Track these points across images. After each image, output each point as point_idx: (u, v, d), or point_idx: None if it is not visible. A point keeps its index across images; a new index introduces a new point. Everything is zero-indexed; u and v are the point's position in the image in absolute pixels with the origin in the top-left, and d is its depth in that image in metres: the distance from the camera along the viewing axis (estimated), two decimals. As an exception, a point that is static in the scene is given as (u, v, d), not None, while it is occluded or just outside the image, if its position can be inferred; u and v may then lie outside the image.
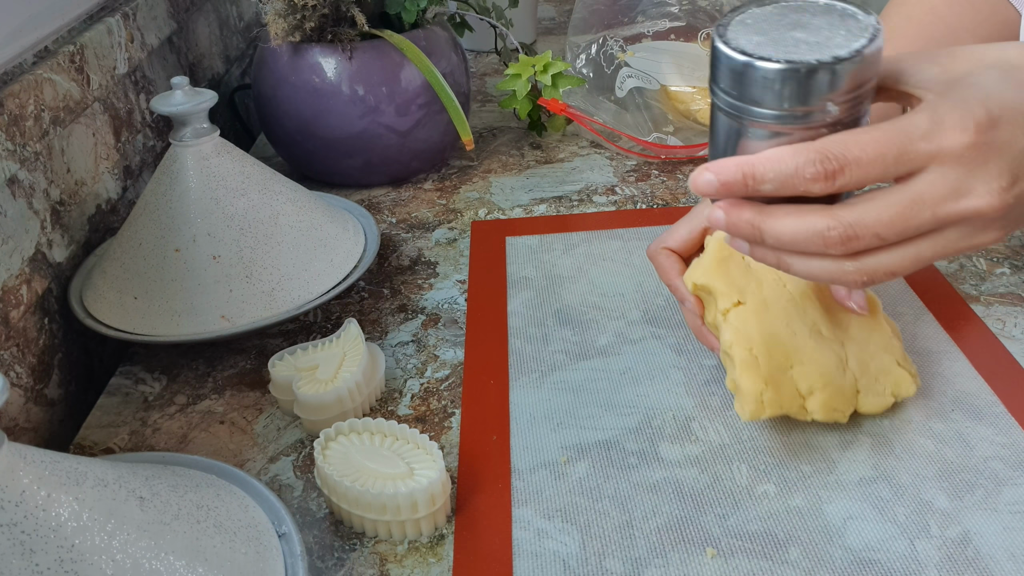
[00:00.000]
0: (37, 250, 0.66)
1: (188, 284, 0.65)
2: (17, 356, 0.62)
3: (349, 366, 0.61)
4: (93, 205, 0.75)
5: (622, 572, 0.49)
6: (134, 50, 0.80)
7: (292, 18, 0.81)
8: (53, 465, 0.41)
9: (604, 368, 0.64)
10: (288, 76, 0.85)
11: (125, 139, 0.82)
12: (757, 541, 0.50)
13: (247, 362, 0.68)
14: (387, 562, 0.51)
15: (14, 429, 0.61)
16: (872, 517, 0.51)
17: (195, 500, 0.46)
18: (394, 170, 0.90)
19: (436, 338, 0.68)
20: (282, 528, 0.48)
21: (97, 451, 0.60)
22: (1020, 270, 0.72)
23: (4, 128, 0.60)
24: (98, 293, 0.67)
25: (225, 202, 0.66)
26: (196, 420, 0.62)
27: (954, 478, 0.53)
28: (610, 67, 0.98)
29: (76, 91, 0.70)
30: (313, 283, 0.68)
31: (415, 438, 0.54)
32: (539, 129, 0.99)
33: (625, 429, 0.58)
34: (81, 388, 0.70)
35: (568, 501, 0.53)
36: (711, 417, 0.59)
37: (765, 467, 0.54)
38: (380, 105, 0.84)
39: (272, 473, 0.57)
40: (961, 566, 0.48)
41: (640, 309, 0.70)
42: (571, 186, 0.89)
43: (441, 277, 0.76)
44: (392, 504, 0.50)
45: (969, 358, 0.62)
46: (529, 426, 0.59)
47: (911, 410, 0.58)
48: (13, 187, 0.63)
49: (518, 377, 0.63)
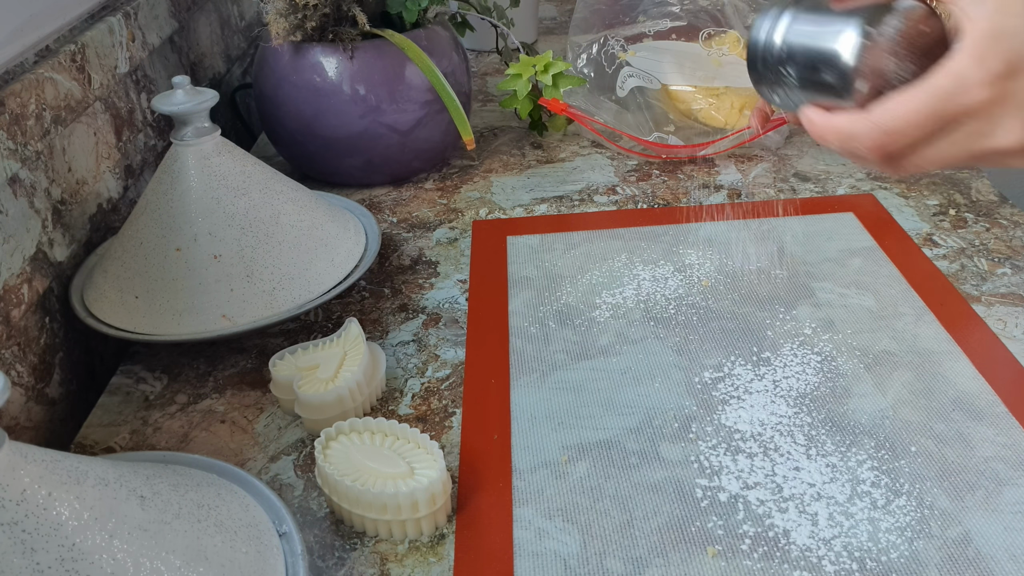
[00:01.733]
0: (38, 249, 0.66)
1: (189, 283, 0.65)
2: (18, 355, 0.62)
3: (350, 366, 0.61)
4: (94, 204, 0.75)
5: (623, 572, 0.49)
6: (135, 49, 0.80)
7: (293, 17, 0.81)
8: (54, 464, 0.41)
9: (605, 368, 0.64)
10: (289, 75, 0.85)
11: (126, 138, 0.82)
12: (758, 541, 0.50)
13: (248, 361, 0.68)
14: (388, 561, 0.51)
15: (15, 428, 0.61)
16: (872, 517, 0.51)
17: (196, 499, 0.46)
18: (395, 169, 0.90)
19: (437, 338, 0.68)
20: (283, 527, 0.48)
21: (98, 450, 0.60)
22: (1021, 270, 0.72)
23: (5, 127, 0.60)
24: (99, 292, 0.67)
25: (226, 201, 0.66)
26: (197, 419, 0.62)
27: (955, 478, 0.53)
28: (611, 67, 0.98)
29: (77, 90, 0.70)
30: (314, 282, 0.68)
31: (416, 437, 0.54)
32: (540, 129, 0.99)
33: (626, 429, 0.58)
34: (82, 387, 0.70)
35: (569, 501, 0.53)
36: (711, 417, 0.59)
37: (765, 467, 0.54)
38: (381, 105, 0.84)
39: (273, 472, 0.57)
40: (962, 566, 0.48)
41: (641, 309, 0.70)
42: (572, 186, 0.89)
43: (442, 277, 0.76)
44: (393, 503, 0.50)
45: (970, 358, 0.62)
46: (530, 426, 0.59)
47: (912, 410, 0.58)
48: (14, 186, 0.63)
49: (519, 377, 0.63)
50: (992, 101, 0.42)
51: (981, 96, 0.42)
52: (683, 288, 0.72)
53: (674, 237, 0.79)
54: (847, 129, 0.45)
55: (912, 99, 0.43)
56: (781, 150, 0.94)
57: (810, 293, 0.70)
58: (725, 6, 1.01)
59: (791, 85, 0.48)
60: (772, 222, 0.80)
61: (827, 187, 0.86)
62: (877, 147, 0.45)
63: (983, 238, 0.76)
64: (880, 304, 0.68)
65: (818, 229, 0.79)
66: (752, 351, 0.64)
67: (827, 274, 0.72)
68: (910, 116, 0.43)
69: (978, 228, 0.78)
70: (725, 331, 0.66)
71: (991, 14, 0.41)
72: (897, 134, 0.44)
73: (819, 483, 0.53)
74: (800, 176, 0.89)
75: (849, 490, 0.53)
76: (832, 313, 0.68)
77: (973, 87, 0.41)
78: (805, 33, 0.47)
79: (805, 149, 0.94)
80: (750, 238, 0.78)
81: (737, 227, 0.80)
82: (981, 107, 0.42)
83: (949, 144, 0.44)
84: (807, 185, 0.87)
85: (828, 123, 0.46)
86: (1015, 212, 0.80)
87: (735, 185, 0.88)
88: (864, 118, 0.44)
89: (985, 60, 0.41)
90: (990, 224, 0.79)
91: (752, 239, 0.78)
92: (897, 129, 0.44)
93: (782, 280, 0.72)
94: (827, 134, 0.46)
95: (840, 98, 0.45)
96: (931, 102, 0.42)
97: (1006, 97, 0.41)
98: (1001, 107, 0.42)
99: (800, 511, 0.51)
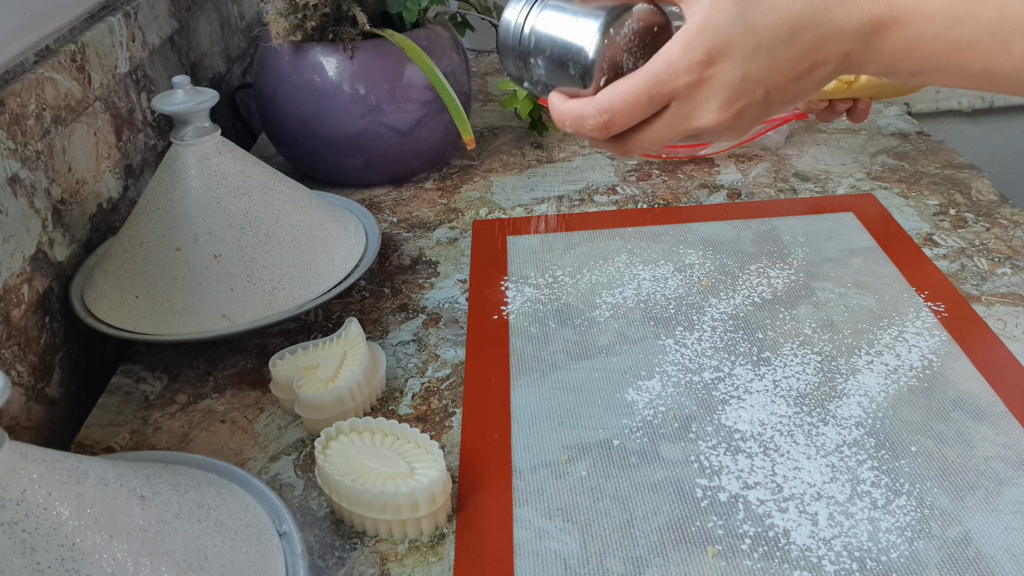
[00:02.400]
0: (38, 249, 0.66)
1: (189, 283, 0.65)
2: (18, 355, 0.62)
3: (350, 365, 0.61)
4: (94, 204, 0.75)
5: (623, 571, 0.49)
6: (135, 49, 0.80)
7: (293, 17, 0.81)
8: (54, 464, 0.41)
9: (605, 368, 0.64)
10: (289, 75, 0.85)
11: (126, 138, 0.82)
12: (758, 541, 0.50)
13: (248, 361, 0.68)
14: (388, 561, 0.51)
15: (15, 428, 0.61)
16: (872, 517, 0.51)
17: (196, 499, 0.46)
18: (395, 169, 0.90)
19: (437, 337, 0.68)
20: (283, 527, 0.48)
21: (98, 450, 0.60)
22: (1021, 270, 0.72)
23: (5, 127, 0.60)
24: (99, 292, 0.67)
25: (226, 201, 0.66)
26: (197, 419, 0.62)
27: (955, 478, 0.53)
28: (611, 67, 0.98)
29: (77, 90, 0.70)
30: (314, 282, 0.68)
31: (416, 437, 0.54)
32: (540, 129, 0.99)
33: (626, 429, 0.58)
34: (82, 387, 0.70)
35: (569, 500, 0.53)
36: (711, 417, 0.59)
37: (765, 467, 0.54)
38: (381, 104, 0.84)
39: (273, 472, 0.57)
40: (962, 566, 0.48)
41: (641, 309, 0.70)
42: (572, 185, 0.89)
43: (442, 276, 0.76)
44: (393, 503, 0.50)
45: (970, 358, 0.62)
46: (530, 425, 0.59)
47: (912, 410, 0.58)
48: (14, 186, 0.63)
49: (519, 376, 0.63)
50: (693, 85, 0.47)
51: (686, 80, 0.47)
52: (683, 288, 0.72)
53: (674, 237, 0.79)
54: (578, 111, 0.50)
55: (630, 83, 0.48)
56: (781, 150, 0.94)
57: (810, 293, 0.70)
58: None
59: (538, 72, 0.52)
60: (772, 222, 0.80)
61: (827, 187, 0.86)
62: (601, 126, 0.49)
63: (983, 238, 0.76)
64: (880, 304, 0.68)
65: (818, 229, 0.79)
66: (752, 351, 0.64)
67: (827, 274, 0.72)
68: (628, 97, 0.48)
69: (978, 228, 0.78)
70: (725, 331, 0.66)
71: (704, 8, 0.46)
72: (618, 114, 0.48)
73: (819, 483, 0.53)
74: (800, 176, 0.89)
75: (849, 490, 0.53)
76: (832, 313, 0.68)
77: (681, 73, 0.46)
78: (554, 26, 0.51)
79: (805, 149, 0.94)
80: (750, 238, 0.78)
81: (737, 227, 0.80)
82: (685, 90, 0.47)
83: (663, 125, 0.49)
84: (807, 185, 0.87)
85: (564, 107, 0.50)
86: (1015, 212, 0.80)
87: (735, 185, 0.88)
88: (592, 101, 0.49)
89: (690, 49, 0.46)
90: (990, 224, 0.79)
91: (752, 239, 0.78)
92: (617, 109, 0.48)
93: (782, 280, 0.72)
94: (564, 116, 0.50)
95: (579, 86, 0.50)
96: (645, 86, 0.47)
97: (704, 81, 0.46)
98: (700, 90, 0.47)
99: (800, 511, 0.51)
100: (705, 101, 0.47)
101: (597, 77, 0.49)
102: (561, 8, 0.51)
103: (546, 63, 0.51)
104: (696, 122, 0.48)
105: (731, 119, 0.48)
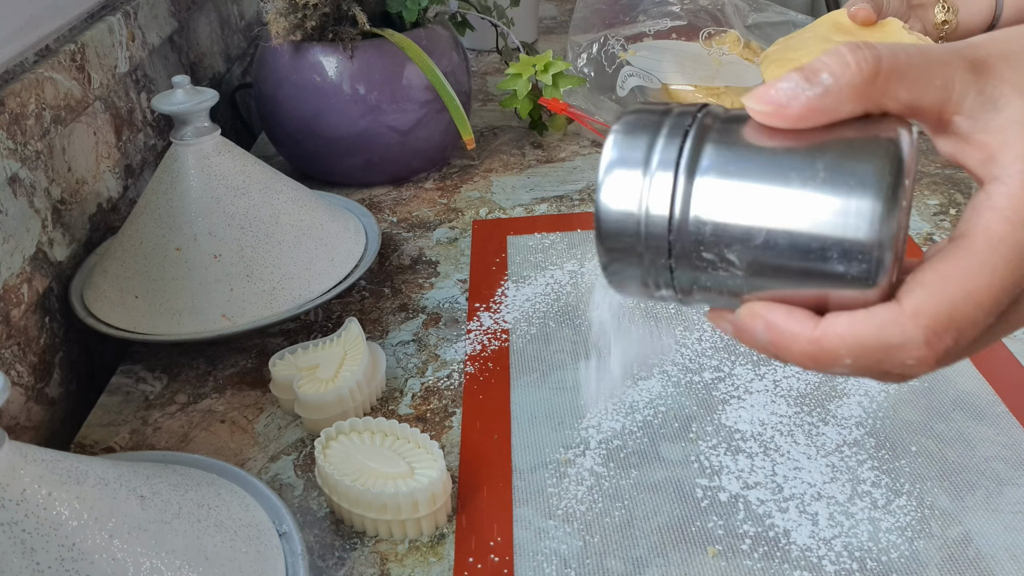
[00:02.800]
0: (38, 249, 0.66)
1: (189, 283, 0.64)
2: (18, 355, 0.62)
3: (350, 365, 0.61)
4: (94, 204, 0.75)
5: (623, 572, 0.49)
6: (135, 49, 0.80)
7: (293, 17, 0.81)
8: (54, 464, 0.41)
9: (605, 367, 0.64)
10: (289, 75, 0.85)
11: (126, 138, 0.82)
12: (758, 541, 0.50)
13: (248, 361, 0.68)
14: (388, 561, 0.51)
15: (15, 428, 0.61)
16: (873, 517, 0.51)
17: (196, 499, 0.46)
18: (395, 169, 0.90)
19: (437, 337, 0.68)
20: (283, 527, 0.48)
21: (98, 450, 0.60)
22: (1021, 270, 0.72)
23: (5, 127, 0.60)
24: (99, 292, 0.67)
25: (226, 201, 0.66)
26: (197, 419, 0.62)
27: (955, 478, 0.53)
28: (611, 66, 0.98)
29: (77, 90, 0.70)
30: (314, 282, 0.68)
31: (416, 437, 0.54)
32: (540, 128, 0.99)
33: (626, 429, 0.58)
34: (82, 387, 0.70)
35: (569, 500, 0.53)
36: (711, 417, 0.59)
37: (766, 466, 0.54)
38: (381, 104, 0.84)
39: (273, 472, 0.57)
40: (962, 566, 0.48)
41: (641, 308, 0.70)
42: (572, 185, 0.89)
43: (442, 276, 0.76)
44: (393, 503, 0.50)
45: (970, 358, 0.62)
46: (530, 425, 0.59)
47: (912, 410, 0.58)
48: (14, 186, 0.63)
49: (519, 376, 0.63)
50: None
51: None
52: (683, 288, 0.72)
53: (674, 237, 0.79)
54: (883, 336, 0.30)
55: (976, 273, 0.29)
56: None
57: (810, 293, 0.70)
58: (725, 6, 1.01)
59: (718, 273, 0.32)
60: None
61: (827, 187, 0.86)
62: (943, 353, 0.30)
63: (983, 238, 0.76)
64: (880, 304, 0.68)
65: (818, 229, 0.79)
66: (752, 351, 0.64)
67: (827, 274, 0.72)
68: (983, 294, 0.29)
69: (978, 228, 0.78)
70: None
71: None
72: (968, 326, 0.29)
73: (819, 483, 0.53)
74: (800, 176, 0.89)
75: (849, 490, 0.52)
76: (832, 313, 0.68)
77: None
78: (758, 197, 0.30)
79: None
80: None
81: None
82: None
83: (1010, 325, 0.31)
84: (807, 185, 0.87)
85: (834, 334, 0.30)
86: (1015, 212, 0.80)
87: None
88: (905, 317, 0.29)
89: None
90: (990, 224, 0.78)
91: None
92: (969, 319, 0.29)
93: (782, 280, 0.72)
94: (839, 349, 0.30)
95: (840, 287, 0.30)
96: (1004, 272, 0.29)
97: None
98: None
99: (800, 511, 0.51)
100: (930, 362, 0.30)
101: (892, 270, 0.30)
102: (739, 151, 0.31)
103: (748, 257, 0.31)
104: (907, 371, 0.31)
105: (944, 364, 0.31)
